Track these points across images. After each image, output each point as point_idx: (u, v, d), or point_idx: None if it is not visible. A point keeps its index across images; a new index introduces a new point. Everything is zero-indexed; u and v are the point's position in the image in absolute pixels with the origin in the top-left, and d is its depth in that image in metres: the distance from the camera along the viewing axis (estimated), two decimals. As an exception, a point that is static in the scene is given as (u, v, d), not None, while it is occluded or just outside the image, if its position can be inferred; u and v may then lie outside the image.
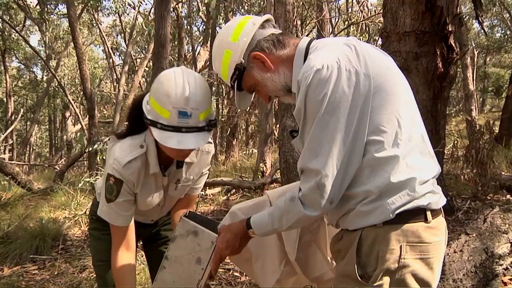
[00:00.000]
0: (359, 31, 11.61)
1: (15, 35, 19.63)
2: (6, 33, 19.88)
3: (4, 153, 17.09)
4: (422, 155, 1.52)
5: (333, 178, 1.43)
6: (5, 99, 24.45)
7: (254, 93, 1.77)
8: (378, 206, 1.44)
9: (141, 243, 2.60)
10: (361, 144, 1.43)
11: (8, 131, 17.20)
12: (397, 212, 1.43)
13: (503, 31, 28.05)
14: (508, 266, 3.29)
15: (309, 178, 1.46)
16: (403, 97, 1.53)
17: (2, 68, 22.88)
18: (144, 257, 3.98)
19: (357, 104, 1.40)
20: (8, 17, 18.22)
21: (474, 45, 25.05)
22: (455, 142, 7.12)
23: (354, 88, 1.40)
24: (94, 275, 3.96)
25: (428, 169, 1.52)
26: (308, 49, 1.60)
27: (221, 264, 1.85)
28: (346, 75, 1.40)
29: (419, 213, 1.46)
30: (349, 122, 1.40)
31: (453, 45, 4.41)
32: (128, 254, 2.05)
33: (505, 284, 3.14)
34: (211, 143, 2.18)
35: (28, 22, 23.27)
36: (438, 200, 1.52)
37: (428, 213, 1.47)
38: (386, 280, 1.45)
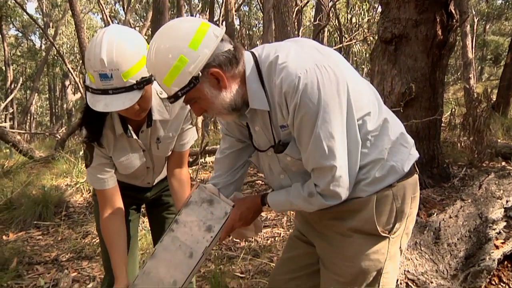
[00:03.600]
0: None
1: (11, 2, 19.34)
2: (2, 0, 19.60)
3: (5, 122, 17.08)
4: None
5: (346, 167, 1.51)
6: (4, 68, 24.32)
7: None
8: (391, 167, 1.57)
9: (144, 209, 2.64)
10: (355, 127, 1.51)
11: (8, 99, 17.22)
12: (405, 168, 1.59)
13: (505, -2, 27.76)
14: (501, 230, 3.36)
15: (324, 174, 1.51)
16: (357, 75, 1.63)
17: (0, 36, 22.68)
18: (145, 223, 4.09)
19: (344, 93, 1.46)
20: (4, -16, 17.97)
21: (474, 13, 24.79)
22: (453, 110, 7.16)
23: (337, 82, 1.45)
24: (97, 240, 4.06)
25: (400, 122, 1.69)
26: (257, 62, 1.55)
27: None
28: (325, 73, 1.44)
29: (414, 166, 1.64)
30: (342, 113, 1.46)
31: (453, 12, 4.39)
32: (113, 216, 2.08)
33: (497, 247, 3.21)
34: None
35: (24, -11, 22.95)
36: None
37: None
38: (400, 230, 1.66)
